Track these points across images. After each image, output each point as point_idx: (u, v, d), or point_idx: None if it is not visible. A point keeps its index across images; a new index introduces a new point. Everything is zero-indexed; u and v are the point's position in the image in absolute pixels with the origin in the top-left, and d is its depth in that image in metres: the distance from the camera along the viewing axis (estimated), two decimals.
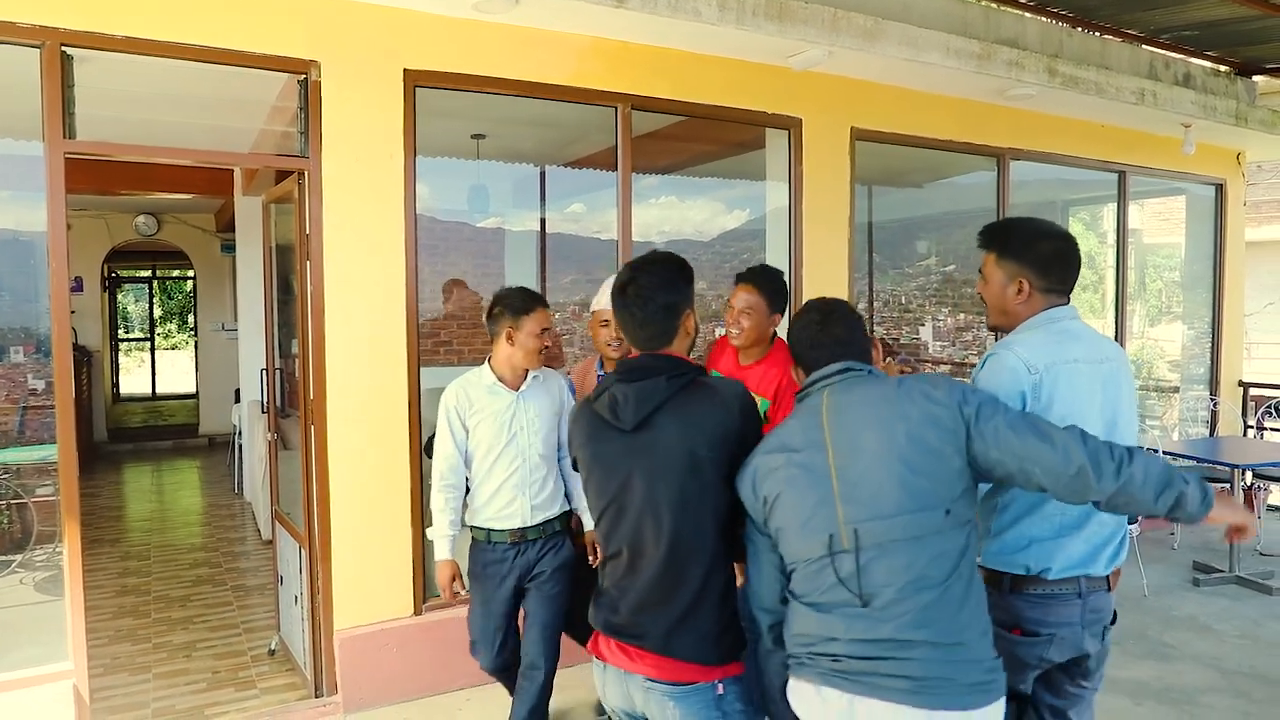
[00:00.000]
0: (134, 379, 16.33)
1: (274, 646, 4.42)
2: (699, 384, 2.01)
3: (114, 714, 3.82)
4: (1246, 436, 7.41)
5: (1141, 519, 4.95)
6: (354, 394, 3.79)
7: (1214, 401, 7.37)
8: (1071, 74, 5.26)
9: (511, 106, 4.47)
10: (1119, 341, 6.62)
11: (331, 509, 3.77)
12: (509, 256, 7.17)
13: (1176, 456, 5.90)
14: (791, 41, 4.30)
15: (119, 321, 16.93)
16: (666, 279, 2.07)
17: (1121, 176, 6.64)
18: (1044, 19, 5.39)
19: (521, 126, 5.75)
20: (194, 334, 12.74)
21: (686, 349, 2.10)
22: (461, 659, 3.58)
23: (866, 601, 1.73)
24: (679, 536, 1.93)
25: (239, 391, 8.43)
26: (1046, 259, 2.18)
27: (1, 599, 4.91)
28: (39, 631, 3.61)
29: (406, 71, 3.85)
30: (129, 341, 19.41)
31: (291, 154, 3.83)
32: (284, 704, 3.88)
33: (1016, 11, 5.23)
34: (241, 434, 7.94)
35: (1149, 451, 1.87)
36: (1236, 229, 7.46)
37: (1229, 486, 5.76)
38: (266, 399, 4.84)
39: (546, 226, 7.09)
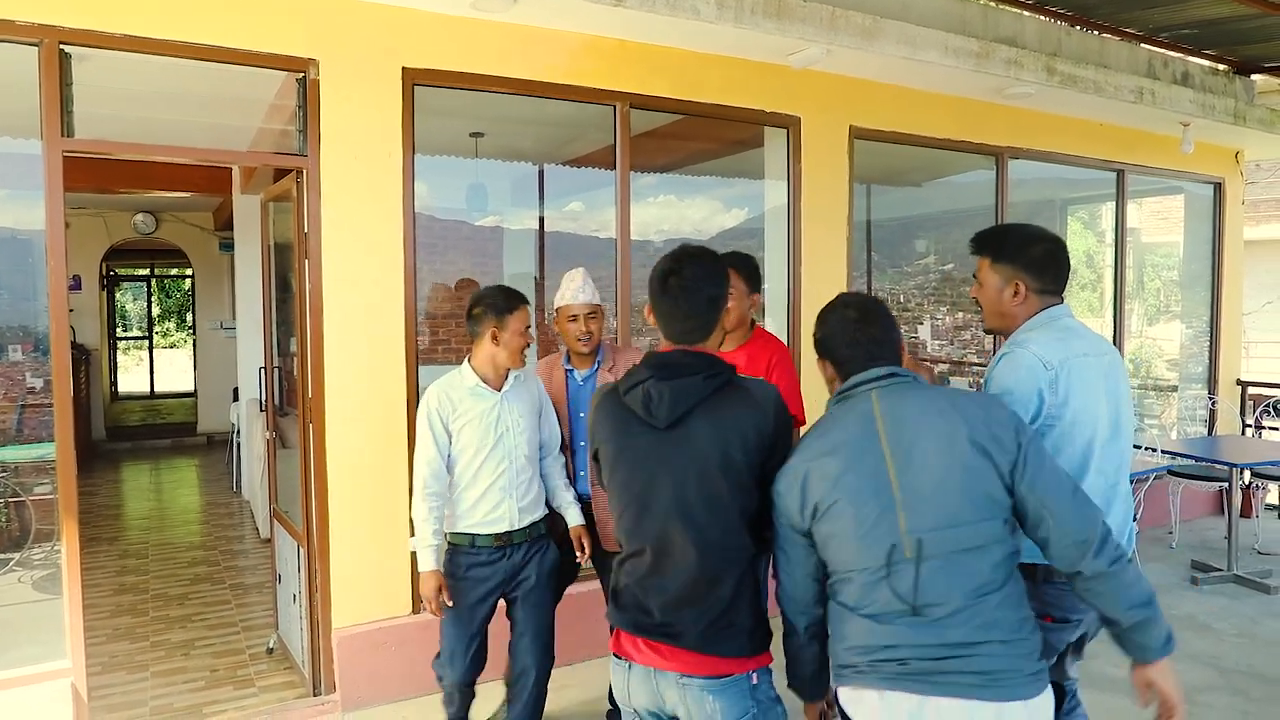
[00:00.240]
0: (132, 377, 16.33)
1: (272, 645, 4.42)
2: (734, 385, 1.99)
3: (112, 712, 3.82)
4: (1245, 435, 7.41)
5: (1138, 519, 4.93)
6: (352, 392, 3.79)
7: (1212, 400, 7.37)
8: (1070, 73, 5.26)
9: (510, 105, 4.46)
10: (1117, 340, 6.62)
11: (330, 507, 3.78)
12: (507, 255, 7.17)
13: (1175, 455, 5.91)
14: (790, 40, 4.30)
15: (117, 320, 16.94)
16: (712, 271, 2.04)
17: (1120, 175, 6.64)
18: (1042, 17, 5.39)
19: (520, 125, 5.75)
20: (192, 332, 12.74)
21: (717, 345, 2.08)
22: None
23: (921, 611, 1.74)
24: (711, 537, 1.93)
25: (237, 390, 8.45)
26: (1040, 261, 2.27)
27: None
28: (37, 630, 3.60)
29: (405, 70, 3.85)
30: (127, 340, 19.43)
31: (290, 152, 3.83)
32: (282, 702, 3.89)
33: (1015, 10, 5.23)
34: (240, 432, 7.94)
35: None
36: (1235, 228, 7.46)
37: (1227, 485, 5.77)
38: (265, 397, 4.84)
39: (545, 225, 7.09)
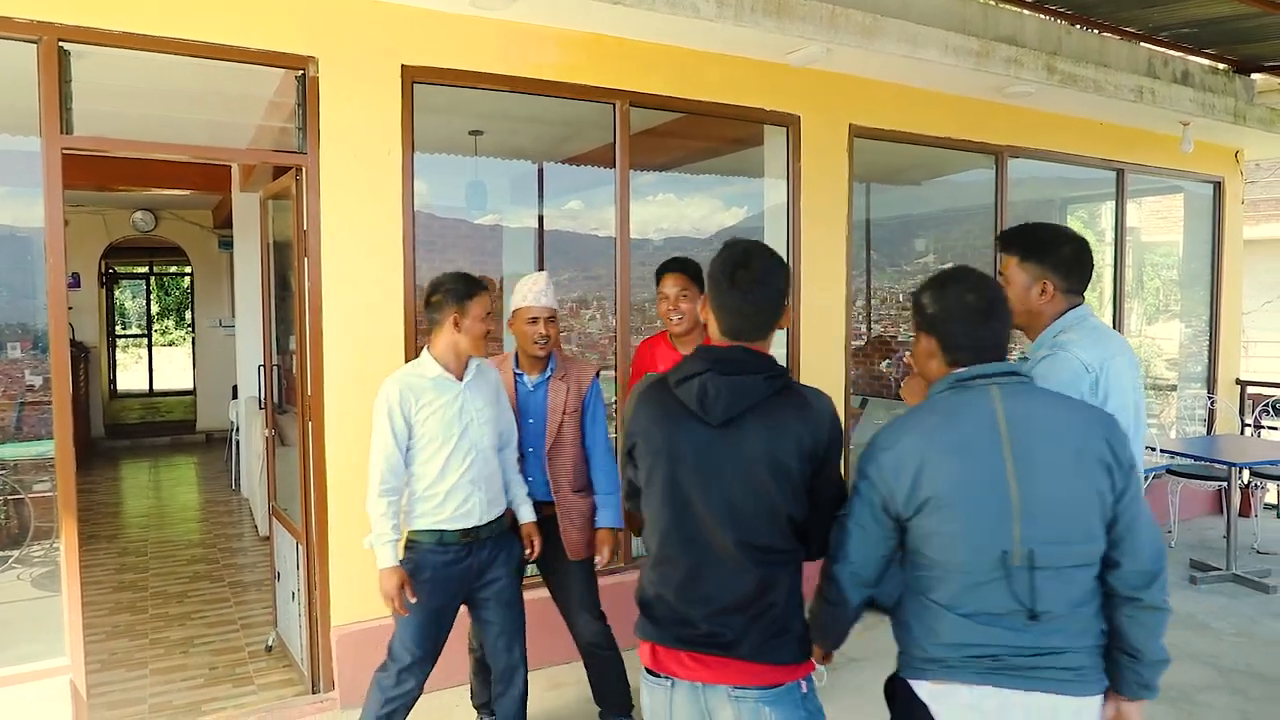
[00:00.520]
0: (131, 375, 16.34)
1: (271, 642, 4.42)
2: (792, 390, 1.92)
3: (111, 709, 3.82)
4: (1244, 435, 7.41)
5: None
6: (351, 390, 3.79)
7: (1211, 399, 7.38)
8: (1070, 71, 5.25)
9: (509, 103, 4.46)
10: None
11: (329, 505, 3.78)
12: (507, 253, 7.17)
13: (1174, 455, 5.91)
14: (790, 38, 4.30)
15: (116, 318, 16.92)
16: (780, 266, 1.94)
17: (1120, 174, 6.63)
18: (1043, 16, 5.38)
19: (519, 123, 5.75)
20: (191, 330, 12.74)
21: (769, 345, 2.01)
22: (457, 657, 3.59)
23: (1037, 616, 1.76)
24: (760, 542, 1.86)
25: (236, 388, 8.44)
26: (1068, 261, 2.30)
27: None
28: (36, 627, 3.60)
29: (404, 67, 3.84)
30: (126, 338, 19.42)
31: (289, 150, 3.82)
32: (281, 700, 3.89)
33: (1015, 9, 5.22)
34: (239, 430, 7.93)
35: None
36: (1235, 227, 7.46)
37: (1226, 485, 5.77)
38: (264, 395, 4.83)
39: (544, 223, 7.10)
